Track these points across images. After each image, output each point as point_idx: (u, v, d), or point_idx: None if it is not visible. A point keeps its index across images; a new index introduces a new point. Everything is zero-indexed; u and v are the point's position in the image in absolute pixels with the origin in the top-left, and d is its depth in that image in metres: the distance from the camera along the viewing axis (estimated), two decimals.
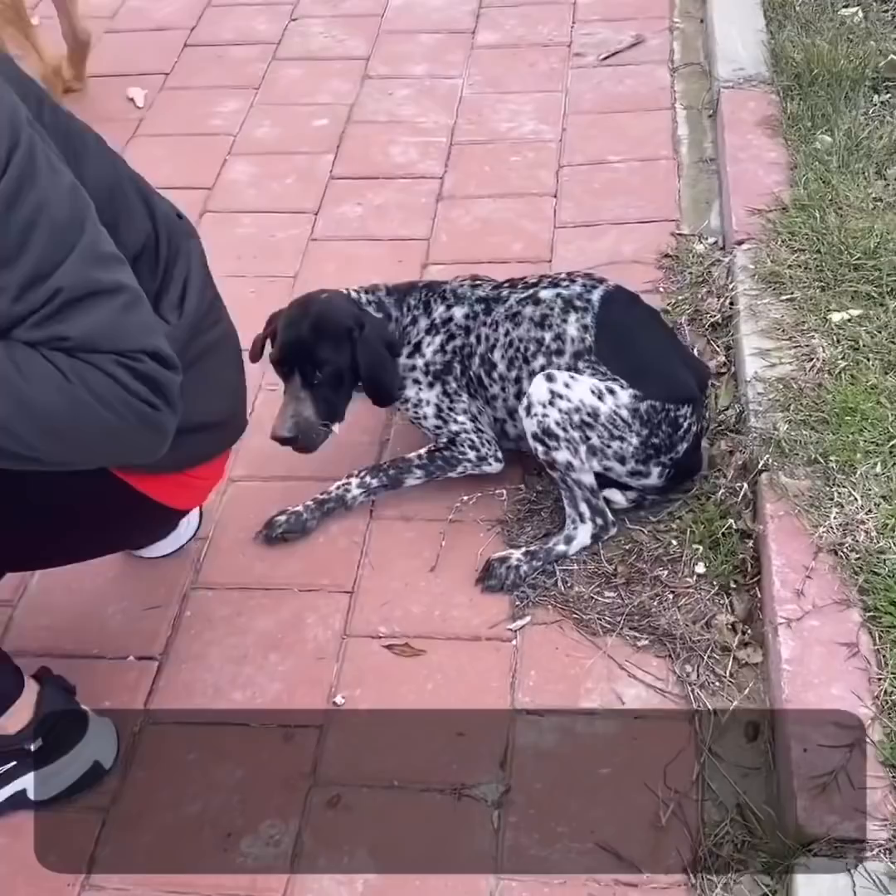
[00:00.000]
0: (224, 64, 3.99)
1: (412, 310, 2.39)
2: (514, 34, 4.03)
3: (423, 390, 2.37)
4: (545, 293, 2.30)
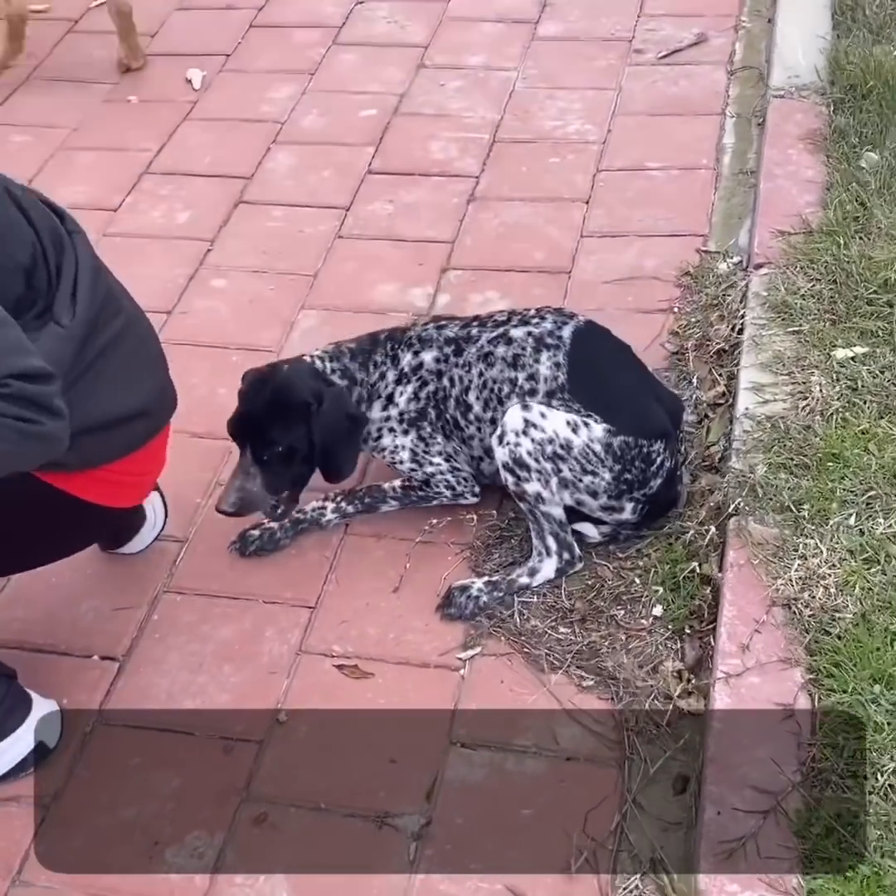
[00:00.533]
0: (285, 47, 4.02)
1: (379, 366, 2.33)
2: (576, 27, 3.96)
3: (398, 437, 2.34)
4: (516, 332, 2.27)
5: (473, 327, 2.33)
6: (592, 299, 2.89)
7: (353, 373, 2.31)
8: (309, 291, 3.01)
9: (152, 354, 2.04)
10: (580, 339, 2.23)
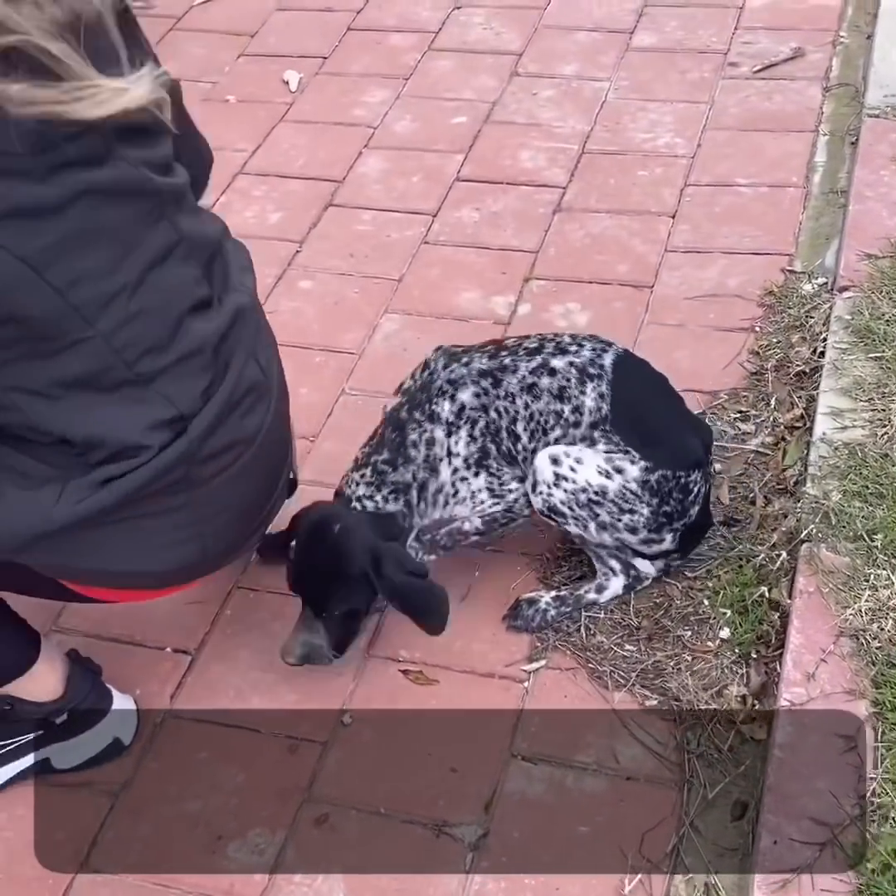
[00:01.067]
0: (381, 51, 4.05)
1: (421, 442, 2.18)
2: (672, 37, 3.95)
3: (471, 482, 2.21)
4: (557, 362, 2.17)
5: (504, 357, 2.20)
6: (674, 315, 2.89)
7: (402, 479, 2.17)
8: (393, 296, 3.04)
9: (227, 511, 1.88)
10: (621, 368, 2.18)
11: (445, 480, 2.21)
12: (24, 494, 1.68)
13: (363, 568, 2.07)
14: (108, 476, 1.67)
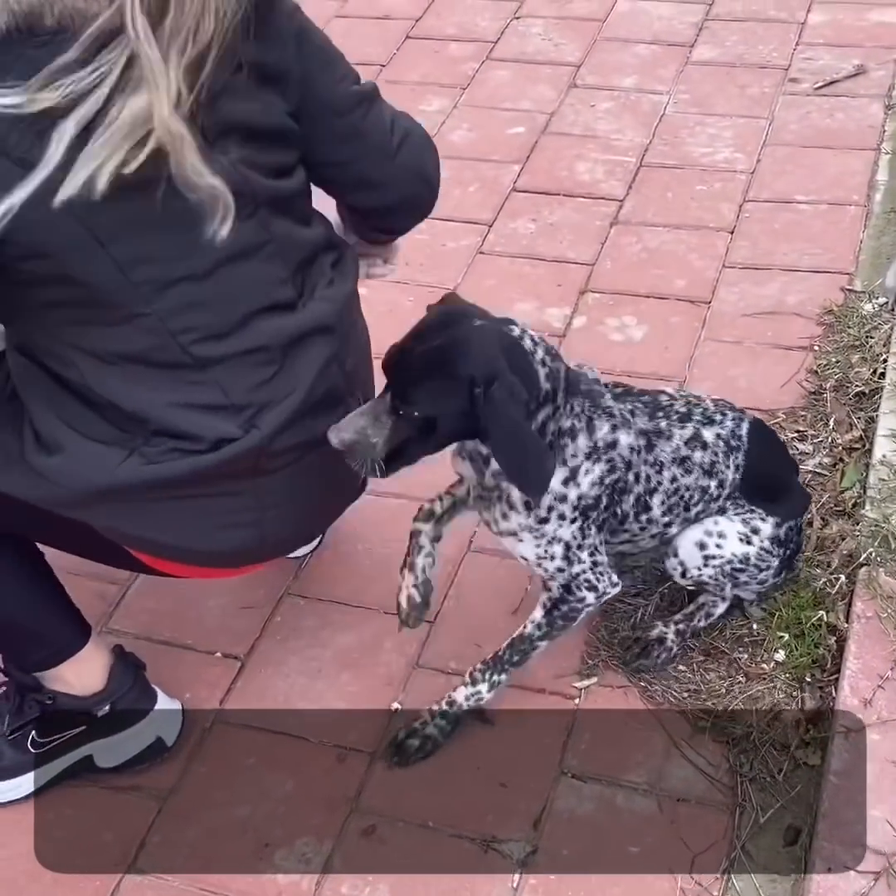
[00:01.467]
0: (439, 60, 4.05)
1: (572, 417, 1.86)
2: (732, 52, 3.92)
3: (562, 527, 1.92)
4: (707, 434, 2.02)
5: (660, 418, 1.99)
6: (731, 332, 2.87)
7: (555, 388, 1.81)
8: None
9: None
10: (753, 436, 2.09)
11: (552, 488, 1.86)
12: (91, 447, 1.71)
13: (475, 376, 1.69)
14: (175, 448, 1.70)
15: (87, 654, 2.00)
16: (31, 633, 1.97)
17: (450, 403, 1.73)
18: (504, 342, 1.75)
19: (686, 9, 4.18)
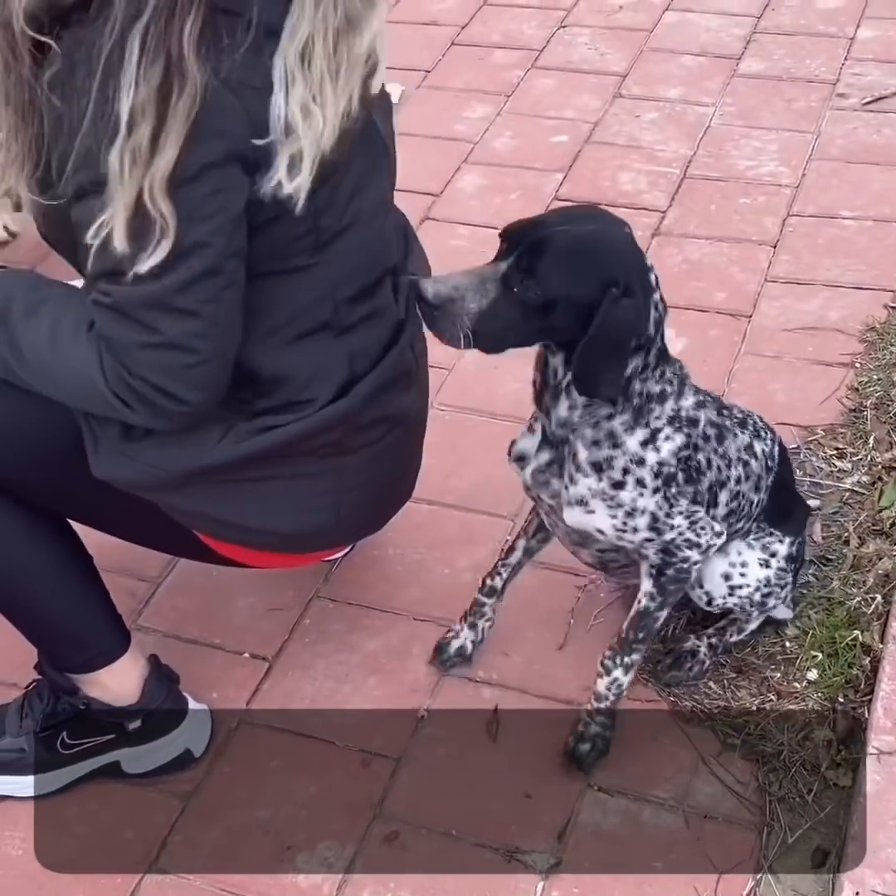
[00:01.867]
0: (484, 67, 4.04)
1: (665, 381, 1.76)
2: (779, 65, 3.90)
3: (644, 496, 1.80)
4: (758, 447, 1.99)
5: (725, 416, 1.93)
6: (771, 346, 2.84)
7: (653, 341, 1.71)
8: None
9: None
10: (781, 458, 2.09)
11: (628, 447, 1.76)
12: (191, 428, 1.72)
13: (619, 278, 1.60)
14: (271, 424, 1.73)
15: (125, 661, 2.00)
16: (73, 634, 1.95)
17: (581, 292, 1.60)
18: (644, 267, 1.68)
19: (734, 21, 4.16)
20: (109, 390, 1.62)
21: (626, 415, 1.75)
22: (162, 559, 2.42)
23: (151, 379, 1.60)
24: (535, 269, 1.58)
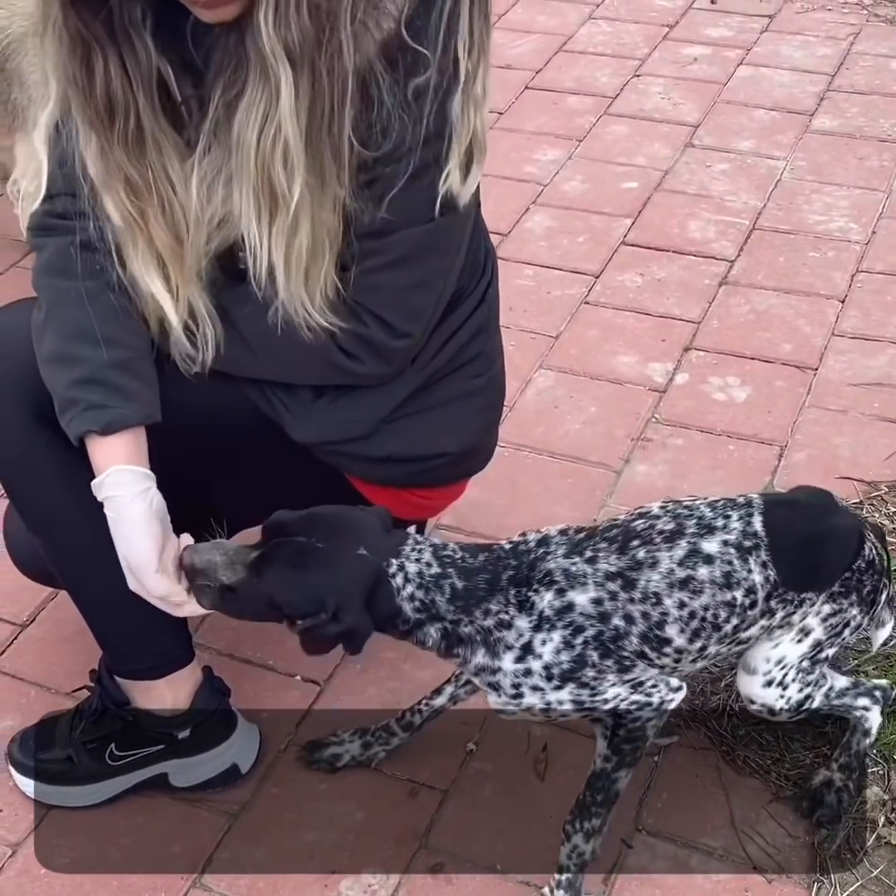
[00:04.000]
0: (557, 111, 4.09)
1: (493, 615, 1.73)
2: (852, 123, 3.91)
3: (548, 693, 1.76)
4: (709, 546, 1.77)
5: (636, 548, 1.77)
6: (836, 400, 2.83)
7: (438, 612, 1.72)
8: (548, 352, 3.04)
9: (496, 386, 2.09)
10: (771, 523, 1.83)
11: (506, 669, 1.75)
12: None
13: (327, 601, 1.67)
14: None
15: (187, 671, 2.01)
16: (149, 635, 1.95)
17: (296, 603, 1.70)
18: (370, 582, 1.70)
19: (808, 78, 4.18)
20: (338, 346, 1.76)
21: (480, 649, 1.75)
22: None
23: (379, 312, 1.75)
24: (265, 565, 1.70)
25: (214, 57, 1.58)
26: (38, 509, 1.87)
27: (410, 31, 1.56)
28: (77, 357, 1.72)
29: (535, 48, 4.45)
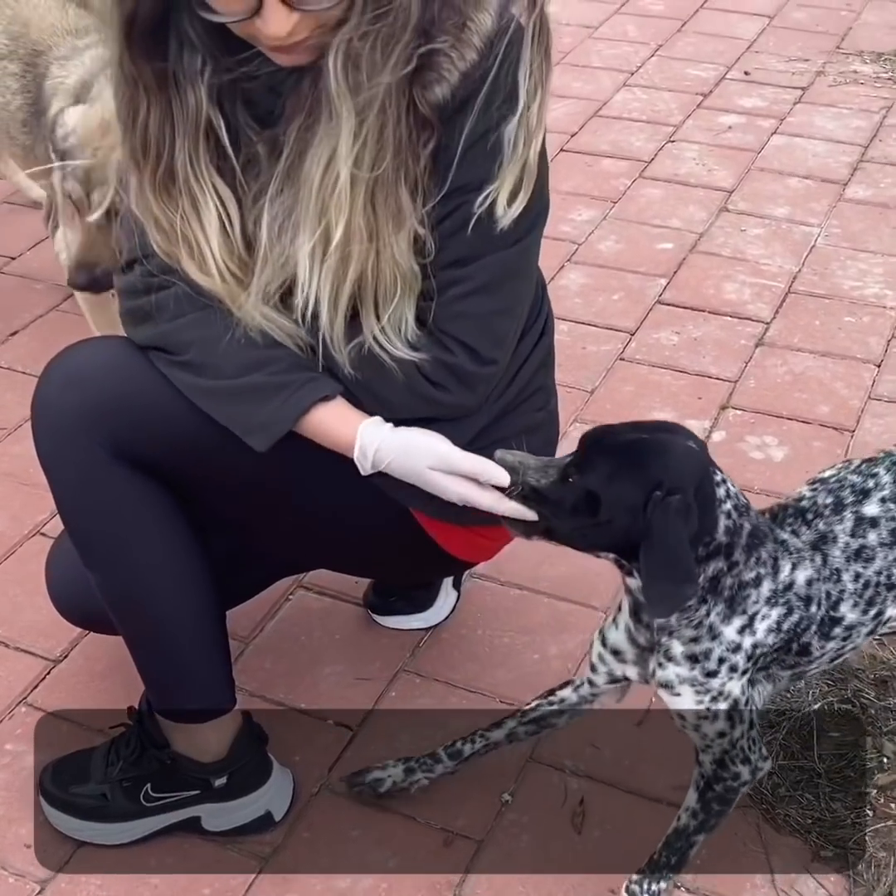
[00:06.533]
0: (591, 173, 4.12)
1: (759, 565, 1.70)
2: (886, 193, 3.94)
3: (733, 679, 1.72)
4: (870, 509, 1.79)
5: (816, 523, 1.80)
6: None
7: (732, 543, 1.67)
8: (584, 406, 3.04)
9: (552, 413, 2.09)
10: None
11: (725, 636, 1.71)
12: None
13: (662, 481, 1.58)
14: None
15: (230, 715, 1.99)
16: (201, 677, 1.93)
17: (622, 491, 1.61)
18: (702, 474, 1.65)
19: (841, 149, 4.22)
20: (424, 377, 1.74)
21: (720, 605, 1.70)
22: (252, 619, 2.42)
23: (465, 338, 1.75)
24: (585, 465, 1.66)
25: (289, 100, 1.61)
26: (106, 540, 1.83)
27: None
28: (268, 358, 1.73)
29: (570, 112, 4.50)
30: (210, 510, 1.91)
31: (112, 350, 1.84)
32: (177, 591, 1.88)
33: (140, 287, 1.79)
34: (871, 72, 4.73)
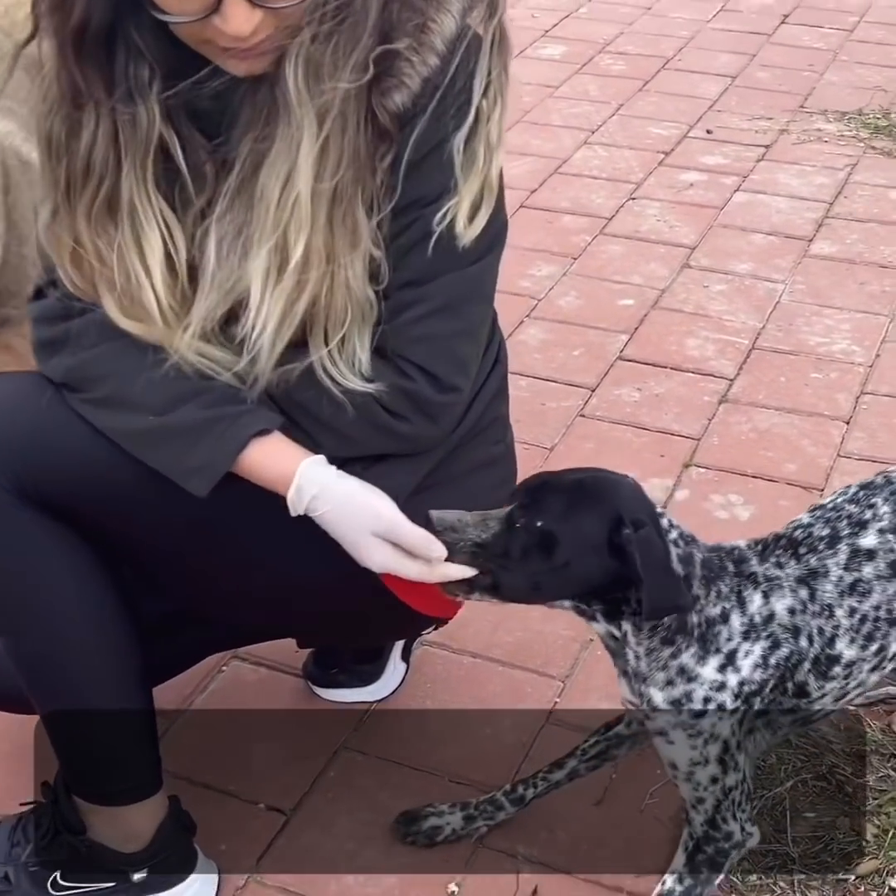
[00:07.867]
0: (552, 230, 4.01)
1: (722, 599, 1.63)
2: (852, 249, 3.85)
3: (722, 720, 1.64)
4: (867, 540, 1.70)
5: (806, 555, 1.70)
6: None
7: (691, 576, 1.60)
8: (543, 463, 2.89)
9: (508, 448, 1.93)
10: None
11: (704, 677, 1.62)
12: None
13: (623, 516, 1.54)
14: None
15: (157, 798, 1.80)
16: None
17: (581, 526, 1.55)
18: (651, 506, 1.63)
19: (806, 205, 4.14)
20: (382, 407, 1.59)
21: (693, 647, 1.62)
22: (180, 693, 2.23)
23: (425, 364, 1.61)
24: (536, 506, 1.57)
25: (243, 110, 1.49)
26: (12, 595, 1.64)
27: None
28: (199, 389, 1.57)
29: (530, 170, 4.41)
30: (139, 566, 1.74)
31: (20, 382, 1.67)
32: (97, 655, 1.69)
33: (58, 312, 1.61)
34: (835, 130, 4.67)
